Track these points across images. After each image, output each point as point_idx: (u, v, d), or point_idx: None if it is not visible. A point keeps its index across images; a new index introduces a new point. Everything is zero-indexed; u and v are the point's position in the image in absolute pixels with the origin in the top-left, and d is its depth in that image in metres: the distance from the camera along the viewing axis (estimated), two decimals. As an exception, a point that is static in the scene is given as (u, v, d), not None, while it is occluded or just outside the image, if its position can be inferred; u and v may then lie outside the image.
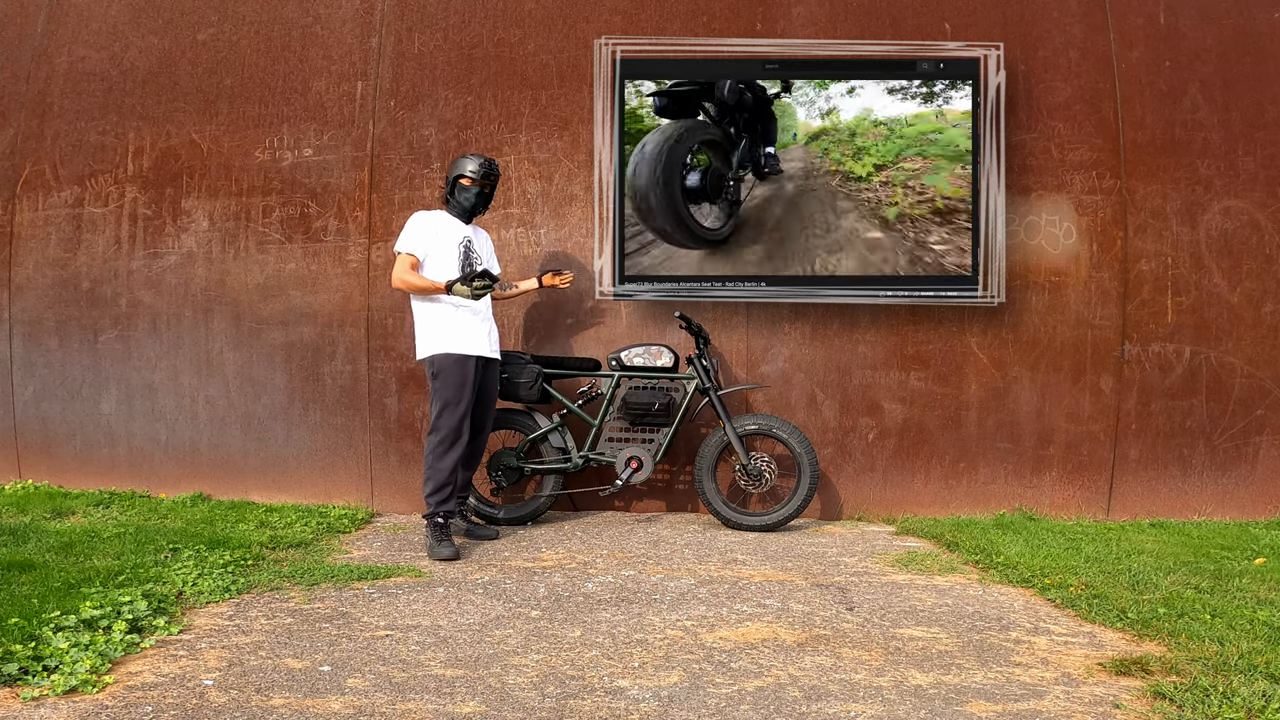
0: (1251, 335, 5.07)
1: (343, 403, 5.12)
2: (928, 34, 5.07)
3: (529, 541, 4.37)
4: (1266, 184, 5.07)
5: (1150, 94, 5.09)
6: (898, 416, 5.09)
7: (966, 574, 3.82)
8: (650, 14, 5.12)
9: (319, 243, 5.14)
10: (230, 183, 5.18)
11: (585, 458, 4.73)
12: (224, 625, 2.96)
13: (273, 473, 5.13)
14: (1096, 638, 2.96)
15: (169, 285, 5.20)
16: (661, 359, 4.76)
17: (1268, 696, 2.32)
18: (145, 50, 5.27)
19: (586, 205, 5.08)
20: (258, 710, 2.27)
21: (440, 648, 2.78)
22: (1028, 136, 5.05)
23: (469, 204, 4.29)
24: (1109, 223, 5.06)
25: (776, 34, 5.08)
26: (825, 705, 2.35)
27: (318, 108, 5.16)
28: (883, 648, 2.83)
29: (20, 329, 5.29)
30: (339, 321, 5.12)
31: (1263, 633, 2.87)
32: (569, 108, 5.11)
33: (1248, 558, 4.01)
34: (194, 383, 5.19)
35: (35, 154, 5.29)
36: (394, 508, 5.09)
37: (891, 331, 5.07)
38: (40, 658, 2.48)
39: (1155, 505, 5.05)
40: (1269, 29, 5.13)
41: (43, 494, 4.93)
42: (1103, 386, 5.06)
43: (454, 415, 4.11)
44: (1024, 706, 2.36)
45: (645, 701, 2.37)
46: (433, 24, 5.16)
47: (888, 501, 5.09)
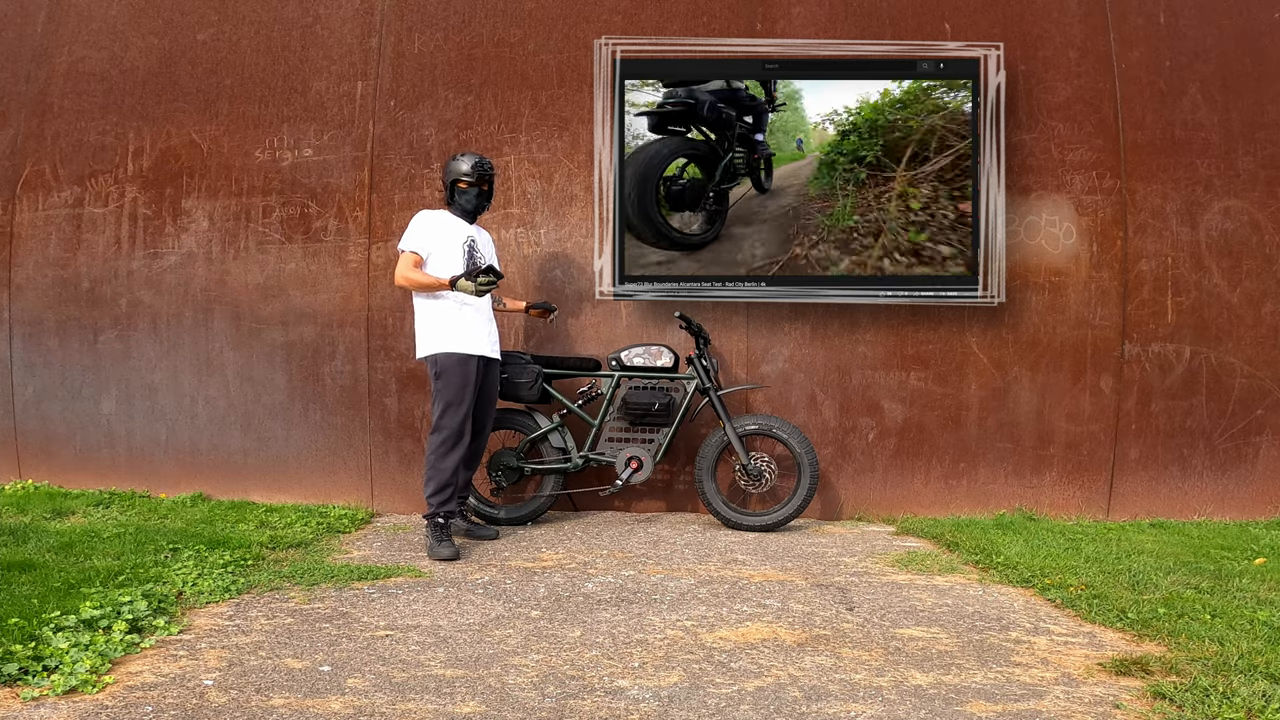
0: (1251, 335, 5.06)
1: (343, 403, 5.12)
2: (928, 34, 5.07)
3: (529, 541, 4.37)
4: (1266, 184, 5.07)
5: (1150, 94, 5.09)
6: (898, 416, 5.08)
7: (966, 574, 3.82)
8: (650, 14, 5.12)
9: (319, 243, 5.14)
10: (230, 183, 5.18)
11: (585, 458, 4.73)
12: (224, 625, 2.96)
13: (273, 473, 5.13)
14: (1096, 638, 2.96)
15: (169, 285, 5.20)
16: (661, 359, 4.75)
17: (1268, 696, 2.32)
18: (145, 50, 5.27)
19: (586, 205, 5.08)
20: (258, 710, 2.27)
21: (440, 648, 2.78)
22: (1028, 136, 5.05)
23: (470, 206, 4.30)
24: (1109, 223, 5.06)
25: (776, 34, 5.08)
26: (825, 705, 2.35)
27: (318, 108, 5.16)
28: (883, 648, 2.83)
29: (20, 329, 5.29)
30: (339, 321, 5.12)
31: (1263, 633, 2.87)
32: (569, 108, 5.10)
33: (1248, 558, 4.01)
34: (194, 383, 5.19)
35: (35, 154, 5.29)
36: (394, 508, 5.09)
37: (891, 331, 5.07)
38: (40, 658, 2.48)
39: (1155, 505, 5.05)
40: (1269, 29, 5.13)
41: (43, 494, 4.93)
42: (1103, 386, 5.06)
43: (456, 415, 4.11)
44: (1024, 706, 2.36)
45: (645, 701, 2.37)
46: (433, 24, 5.16)
47: (888, 501, 5.09)
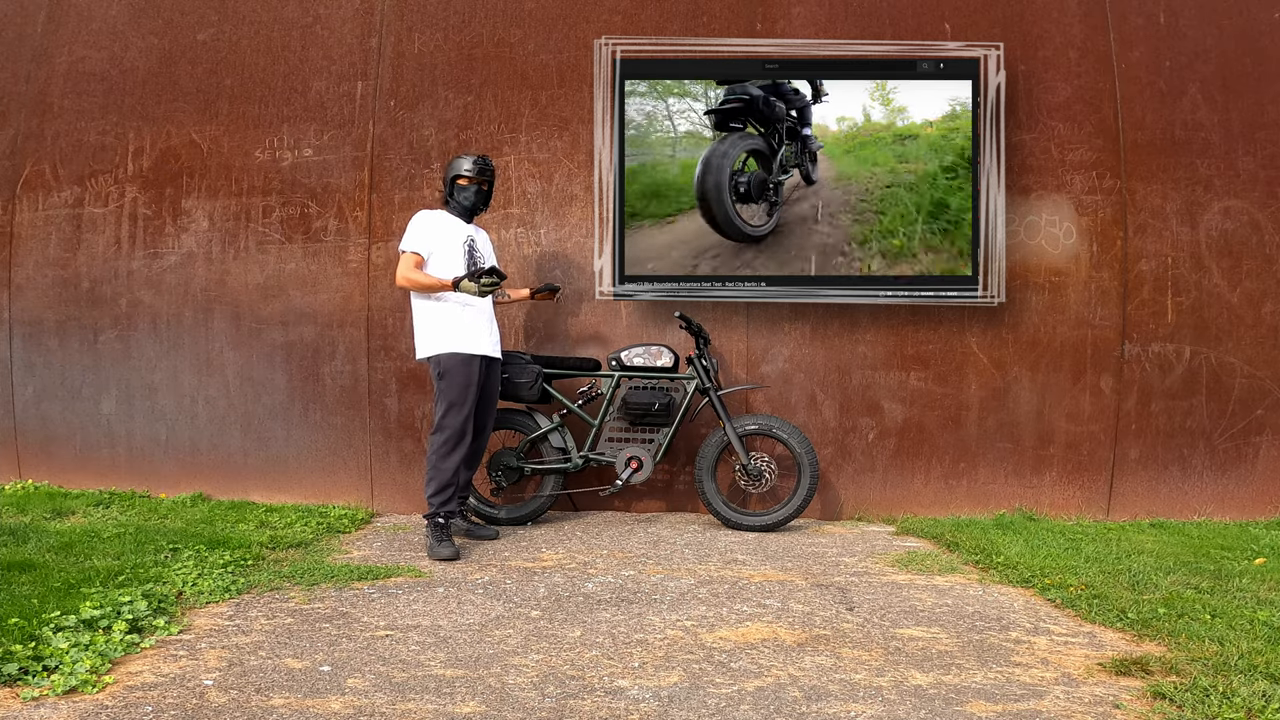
0: (1251, 335, 5.06)
1: (343, 403, 5.12)
2: (928, 34, 5.07)
3: (529, 541, 4.37)
4: (1266, 184, 5.07)
5: (1150, 94, 5.09)
6: (898, 416, 5.08)
7: (966, 574, 3.82)
8: (650, 14, 5.12)
9: (319, 243, 5.14)
10: (230, 183, 5.18)
11: (585, 458, 4.73)
12: (224, 625, 2.96)
13: (273, 473, 5.13)
14: (1096, 638, 2.96)
15: (169, 285, 5.20)
16: (661, 359, 4.76)
17: (1268, 696, 2.32)
18: (145, 50, 5.27)
19: (586, 205, 5.09)
20: (258, 710, 2.27)
21: (440, 648, 2.78)
22: (1028, 136, 5.05)
23: (469, 203, 4.30)
24: (1109, 223, 5.06)
25: (776, 34, 5.08)
26: (825, 705, 2.35)
27: (318, 108, 5.16)
28: (883, 648, 2.83)
29: (20, 329, 5.29)
30: (339, 321, 5.12)
31: (1263, 633, 2.87)
32: (569, 108, 5.11)
33: (1248, 558, 4.01)
34: (194, 383, 5.19)
35: (35, 154, 5.29)
36: (394, 508, 5.09)
37: (891, 331, 5.08)
38: (40, 658, 2.48)
39: (1155, 505, 5.05)
40: (1269, 29, 5.13)
41: (43, 494, 4.93)
42: (1103, 386, 5.06)
43: (459, 415, 4.11)
44: (1024, 706, 2.36)
45: (645, 701, 2.37)
46: (433, 24, 5.16)
47: (888, 501, 5.09)
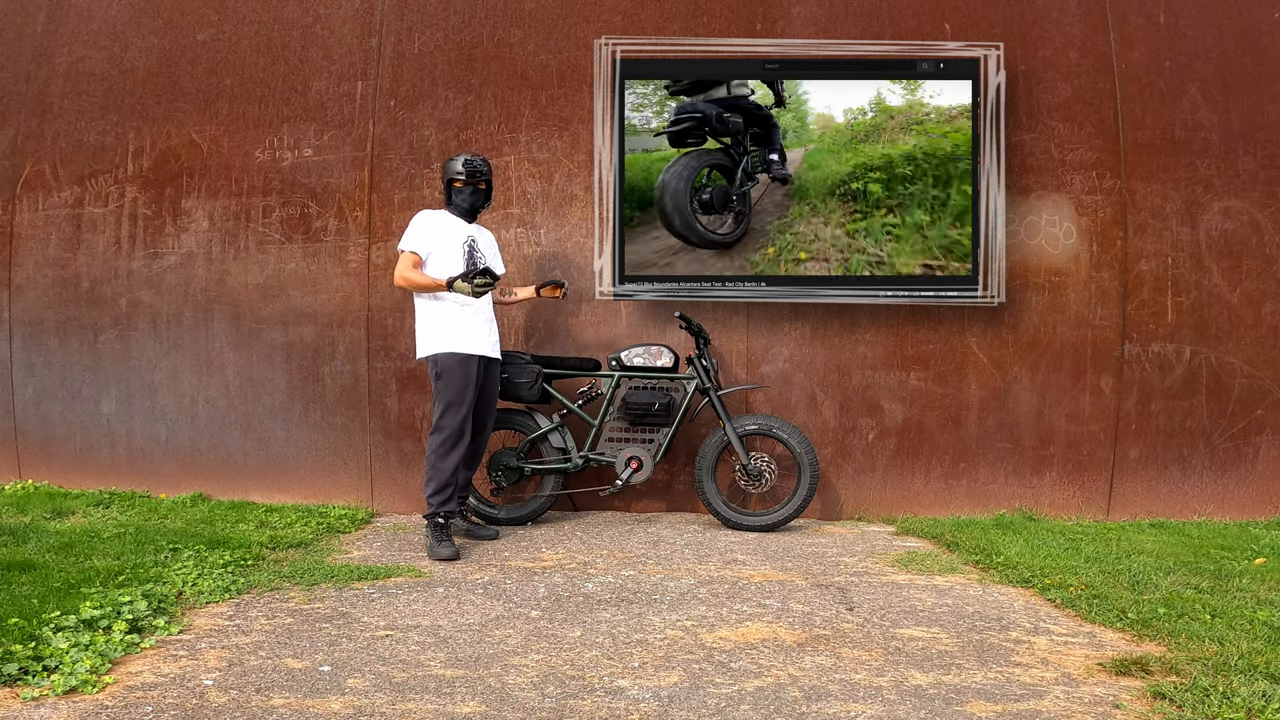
0: (1251, 335, 5.06)
1: (343, 403, 5.12)
2: (928, 34, 5.07)
3: (529, 541, 4.37)
4: (1266, 184, 5.07)
5: (1150, 94, 5.09)
6: (898, 416, 5.08)
7: (966, 574, 3.82)
8: (650, 14, 5.12)
9: (319, 243, 5.14)
10: (230, 183, 5.18)
11: (585, 458, 4.73)
12: (224, 625, 2.96)
13: (273, 473, 5.13)
14: (1096, 638, 2.96)
15: (169, 285, 5.19)
16: (661, 359, 4.76)
17: (1268, 696, 2.32)
18: (145, 50, 5.27)
19: (586, 205, 5.09)
20: (258, 710, 2.27)
21: (440, 648, 2.78)
22: (1028, 136, 5.05)
23: (466, 203, 4.31)
24: (1109, 223, 5.06)
25: (776, 34, 5.08)
26: (825, 705, 2.35)
27: (318, 108, 5.16)
28: (883, 648, 2.83)
29: (20, 329, 5.29)
30: (339, 321, 5.12)
31: (1263, 633, 2.87)
32: (569, 108, 5.11)
33: (1248, 558, 4.01)
34: (194, 383, 5.19)
35: (35, 154, 5.29)
36: (394, 508, 5.09)
37: (891, 331, 5.07)
38: (40, 658, 2.48)
39: (1155, 505, 5.05)
40: (1269, 29, 5.13)
41: (43, 494, 4.93)
42: (1103, 386, 5.06)
43: (457, 415, 4.11)
44: (1024, 706, 2.36)
45: (645, 701, 2.37)
46: (433, 24, 5.16)
47: (888, 501, 5.09)
